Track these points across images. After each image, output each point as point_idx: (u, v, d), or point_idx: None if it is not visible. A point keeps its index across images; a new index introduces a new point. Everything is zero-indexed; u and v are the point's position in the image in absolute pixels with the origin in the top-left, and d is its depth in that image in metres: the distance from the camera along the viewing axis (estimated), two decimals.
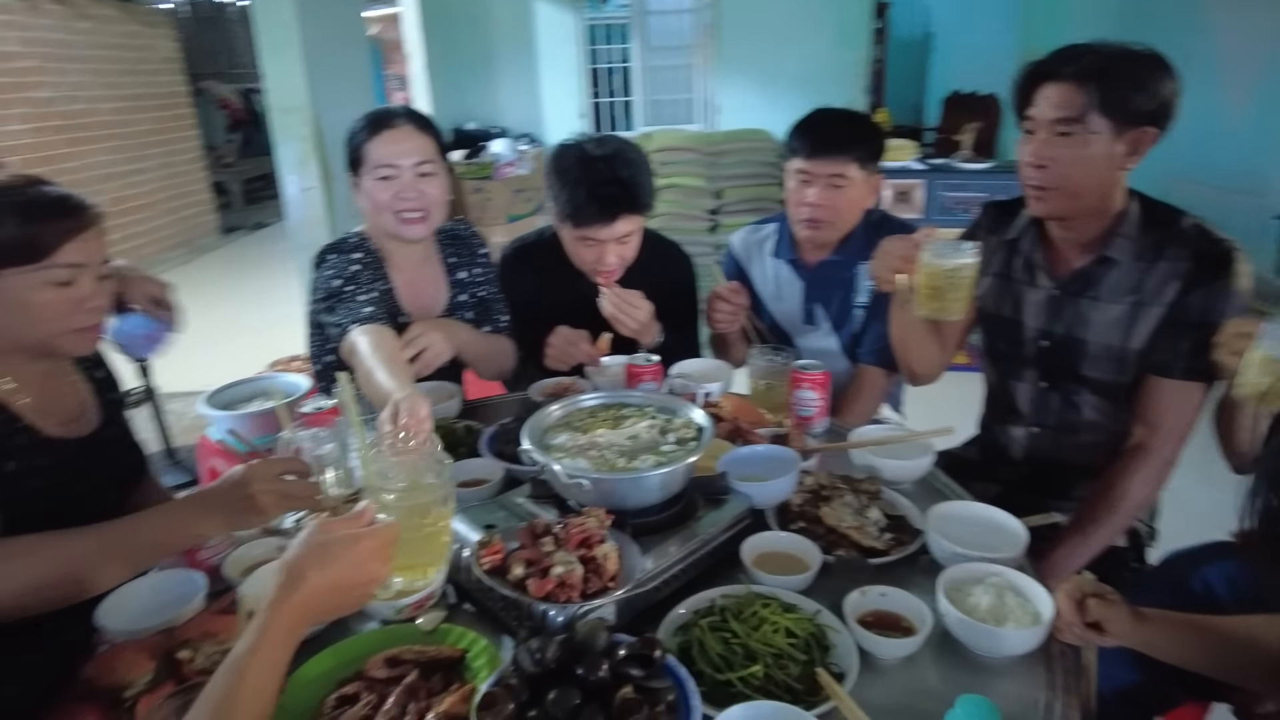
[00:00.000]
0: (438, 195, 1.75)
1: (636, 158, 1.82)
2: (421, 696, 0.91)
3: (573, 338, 1.79)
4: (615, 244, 1.82)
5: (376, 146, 1.70)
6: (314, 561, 0.82)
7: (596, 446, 1.20)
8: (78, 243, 1.20)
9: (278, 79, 4.16)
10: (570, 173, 1.77)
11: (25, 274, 1.17)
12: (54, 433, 1.28)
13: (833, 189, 1.86)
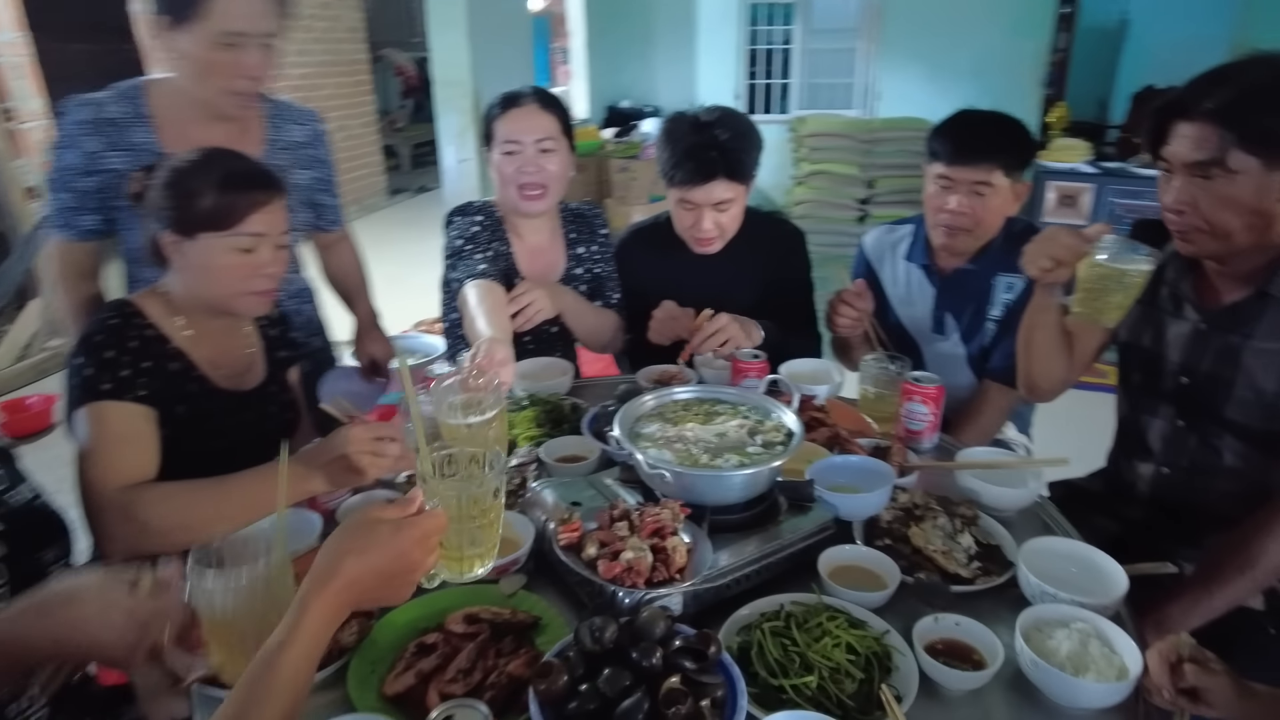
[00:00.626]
0: (557, 171, 1.85)
1: (742, 126, 1.86)
2: (490, 656, 0.98)
3: (675, 312, 1.84)
4: (712, 209, 1.85)
5: (505, 123, 1.82)
6: (353, 548, 0.79)
7: (684, 440, 1.23)
8: (263, 214, 1.34)
9: (443, 53, 4.39)
10: (675, 133, 1.85)
11: (215, 238, 1.32)
12: (223, 384, 1.44)
13: (975, 196, 1.79)
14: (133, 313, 1.36)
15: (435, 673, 0.95)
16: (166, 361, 1.36)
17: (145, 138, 1.64)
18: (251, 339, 1.54)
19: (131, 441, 1.27)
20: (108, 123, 1.61)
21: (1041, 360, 1.62)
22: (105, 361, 1.28)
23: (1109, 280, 1.31)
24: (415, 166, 10.37)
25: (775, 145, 7.10)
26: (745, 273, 1.98)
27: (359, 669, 0.98)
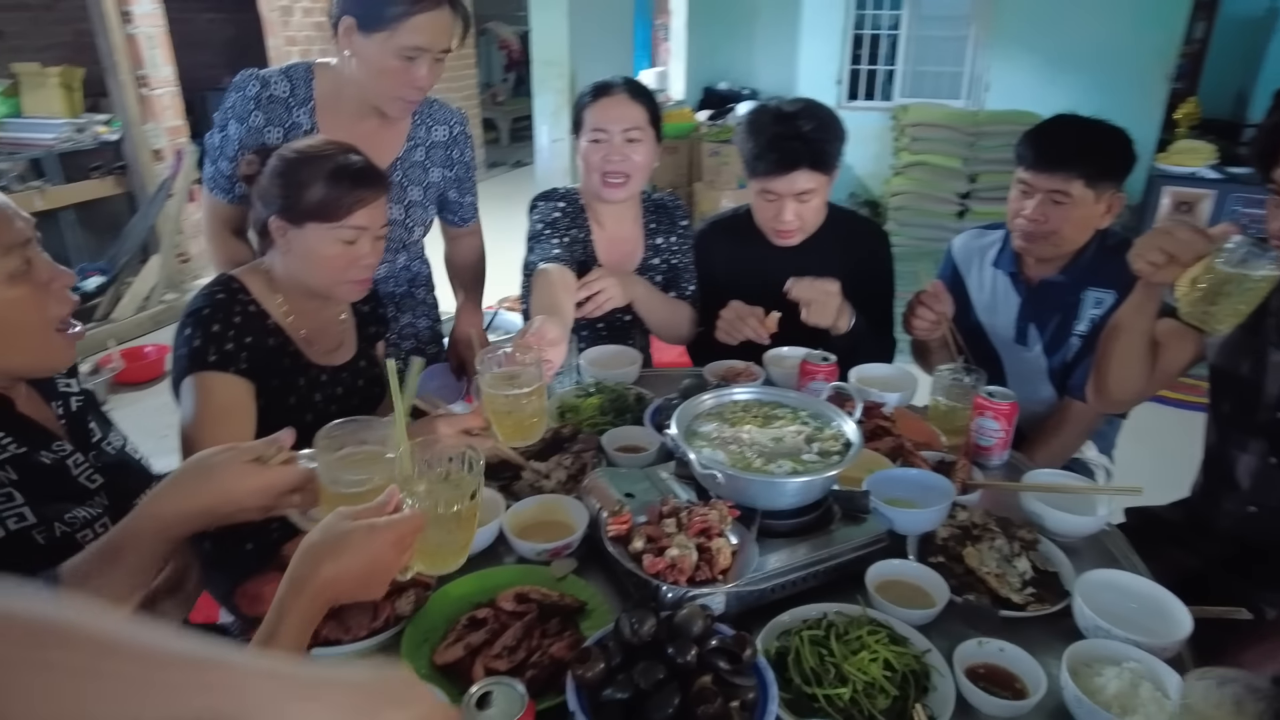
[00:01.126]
0: (641, 161, 1.89)
1: (826, 118, 1.85)
2: (536, 636, 1.03)
3: (743, 311, 1.83)
4: (793, 200, 1.85)
5: (594, 112, 1.86)
6: (328, 551, 0.81)
7: (739, 442, 1.24)
8: (367, 210, 1.42)
9: (543, 32, 4.45)
10: (758, 124, 1.85)
11: (322, 229, 1.40)
12: (316, 359, 1.53)
13: (1052, 204, 1.73)
14: (238, 288, 1.45)
15: (483, 647, 1.01)
16: (266, 337, 1.44)
17: (305, 119, 1.74)
18: (345, 317, 1.63)
19: (232, 412, 1.36)
20: (272, 100, 1.71)
21: (1121, 366, 1.55)
22: (212, 335, 1.37)
23: (1230, 284, 1.25)
24: (513, 141, 10.55)
25: (875, 134, 6.93)
26: (823, 268, 1.96)
27: (413, 636, 1.05)
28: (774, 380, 1.79)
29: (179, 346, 1.40)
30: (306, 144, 1.44)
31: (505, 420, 1.26)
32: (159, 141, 5.19)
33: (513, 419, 1.26)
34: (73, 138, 4.91)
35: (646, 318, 1.99)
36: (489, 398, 1.26)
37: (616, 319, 2.00)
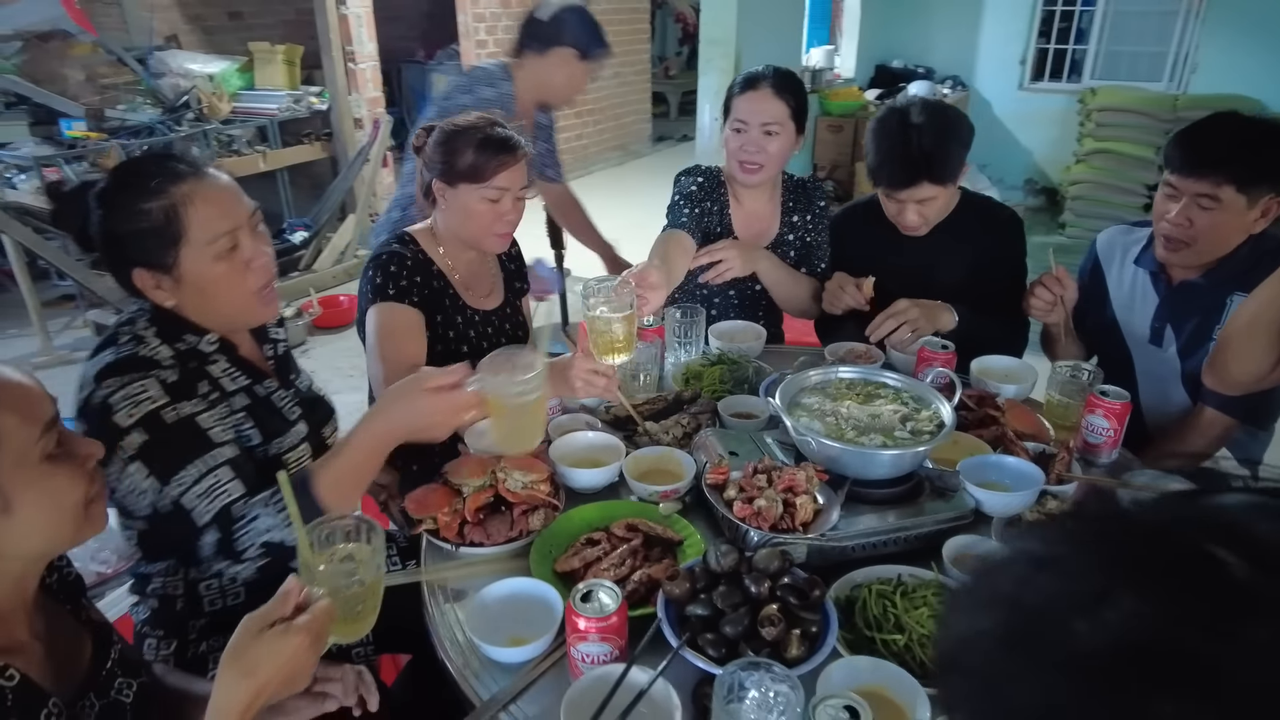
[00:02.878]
0: (776, 151, 2.00)
1: (950, 128, 1.88)
2: (639, 559, 1.22)
3: (842, 280, 1.94)
4: (914, 204, 1.91)
5: (740, 102, 2.00)
6: (246, 671, 0.84)
7: (837, 415, 1.37)
8: (508, 172, 1.67)
9: (711, 10, 4.57)
10: (884, 133, 1.90)
11: (471, 189, 1.66)
12: (472, 303, 1.81)
13: (1198, 209, 1.69)
14: (409, 239, 1.75)
15: (595, 562, 1.21)
16: (431, 279, 1.73)
17: (507, 106, 2.29)
18: (494, 269, 1.91)
19: (408, 332, 1.66)
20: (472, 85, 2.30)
21: (1249, 343, 1.53)
22: (390, 274, 1.67)
23: None
24: (681, 114, 10.70)
25: (1057, 117, 6.56)
26: (953, 255, 2.01)
27: (540, 547, 1.27)
28: (894, 365, 1.87)
29: (363, 285, 1.71)
30: (462, 119, 1.70)
31: (599, 339, 1.52)
32: (360, 111, 5.77)
33: (604, 339, 1.51)
34: (291, 108, 5.58)
35: (771, 290, 2.12)
36: (587, 317, 1.51)
37: (747, 288, 2.14)
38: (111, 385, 1.16)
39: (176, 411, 1.18)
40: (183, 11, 6.62)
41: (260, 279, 1.28)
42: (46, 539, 0.91)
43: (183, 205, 1.19)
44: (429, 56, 7.93)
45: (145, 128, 5.02)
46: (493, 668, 1.09)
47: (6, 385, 0.87)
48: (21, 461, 0.85)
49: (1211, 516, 0.41)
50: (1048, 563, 0.42)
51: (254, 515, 1.17)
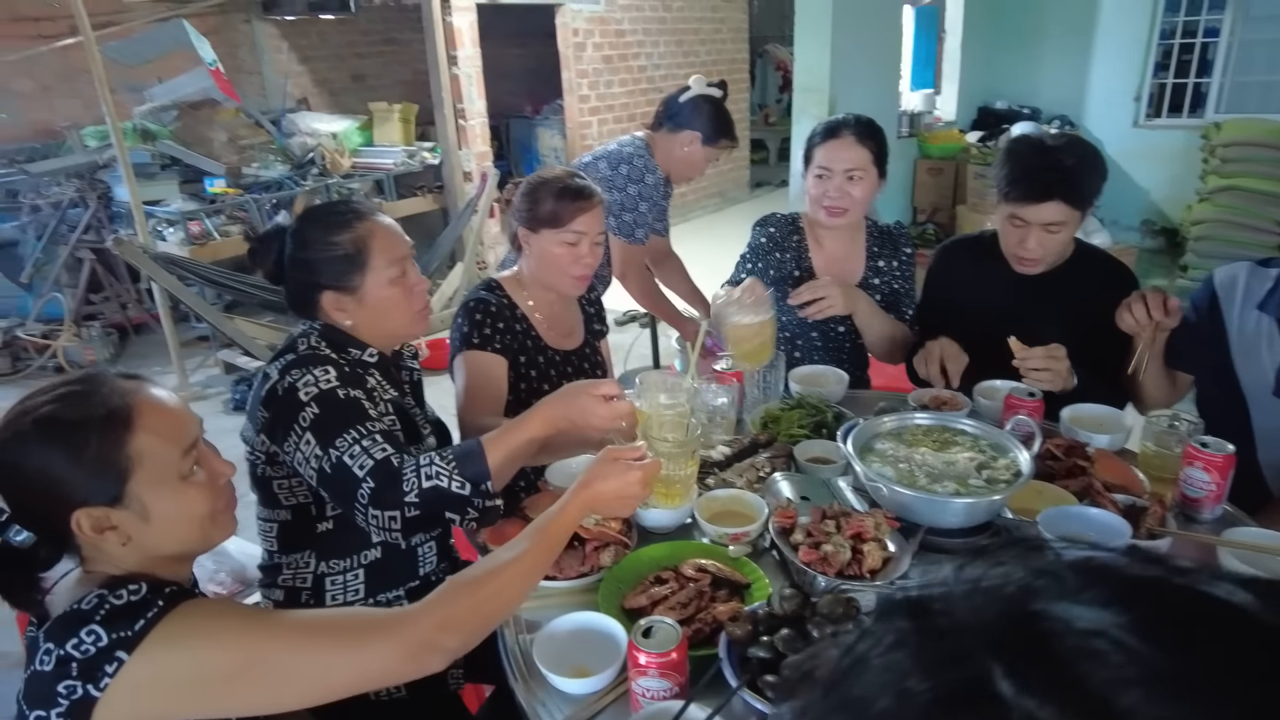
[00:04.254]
0: (860, 196, 2.03)
1: (1088, 154, 1.86)
2: (705, 600, 1.24)
3: (950, 352, 1.88)
4: (1040, 229, 1.85)
5: (822, 151, 2.04)
6: (600, 475, 1.14)
7: (910, 462, 1.36)
8: (585, 218, 1.78)
9: (805, 59, 4.64)
10: (1018, 152, 1.88)
11: (551, 234, 1.77)
12: (553, 344, 1.90)
13: None
14: (496, 286, 1.87)
15: (662, 600, 1.24)
16: (515, 323, 1.84)
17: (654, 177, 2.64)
18: (575, 312, 2.01)
19: (490, 380, 1.76)
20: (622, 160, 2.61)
21: None
22: (475, 322, 1.78)
23: None
24: (780, 160, 10.74)
25: (1177, 154, 6.25)
26: (1061, 304, 1.95)
27: (609, 583, 1.31)
28: (981, 411, 1.84)
29: (453, 334, 1.84)
30: (544, 172, 1.84)
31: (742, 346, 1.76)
32: (469, 165, 6.09)
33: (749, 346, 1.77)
34: (405, 162, 5.96)
35: (865, 331, 2.10)
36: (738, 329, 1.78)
37: (831, 330, 2.14)
38: (295, 374, 1.35)
39: (347, 392, 1.36)
40: (312, 76, 7.21)
41: (419, 301, 1.51)
42: (179, 542, 1.03)
43: (368, 237, 1.43)
44: (535, 112, 8.31)
45: (275, 183, 5.47)
46: (559, 698, 1.13)
47: (156, 411, 0.98)
48: (160, 479, 0.97)
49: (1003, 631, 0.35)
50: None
51: (415, 465, 1.29)
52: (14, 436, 0.93)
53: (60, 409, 0.94)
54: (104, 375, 1.00)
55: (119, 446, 0.94)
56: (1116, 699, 0.30)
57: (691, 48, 8.06)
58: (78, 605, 0.88)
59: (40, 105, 5.81)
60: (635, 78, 7.53)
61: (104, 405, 0.95)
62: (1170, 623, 0.33)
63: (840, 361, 2.16)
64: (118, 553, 0.97)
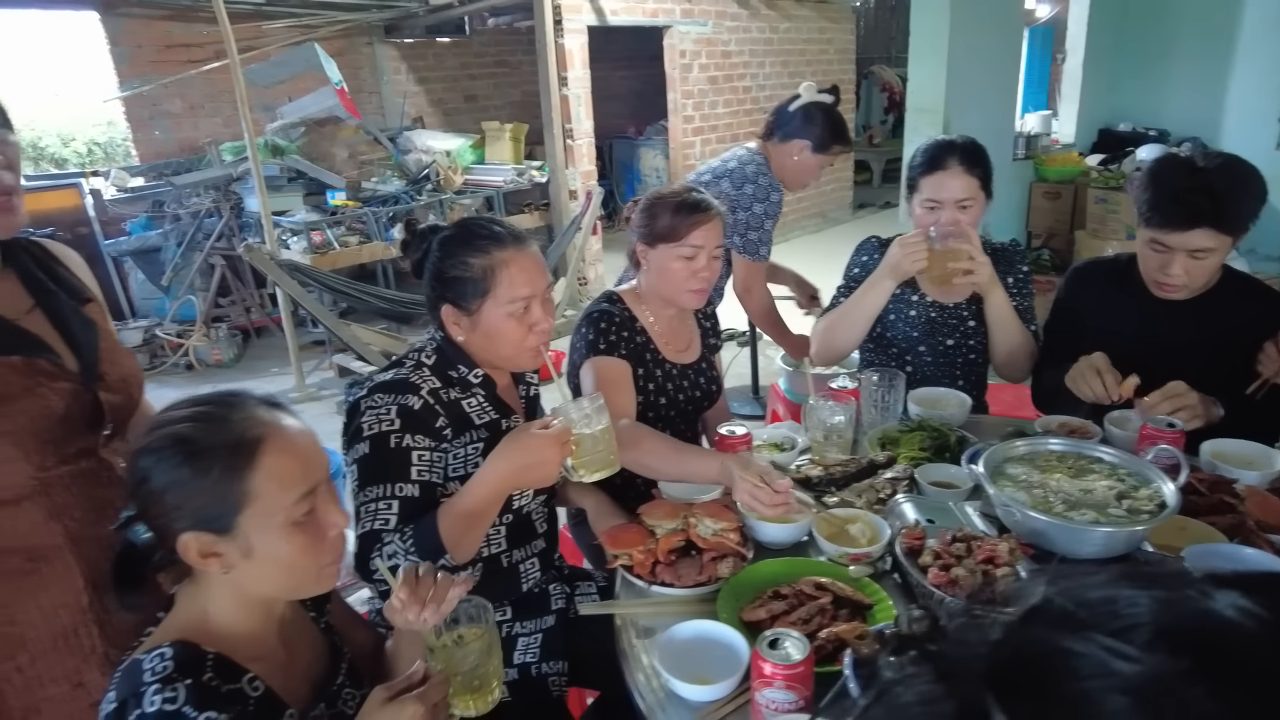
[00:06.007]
0: (970, 219, 1.96)
1: (1244, 177, 1.72)
2: (826, 617, 1.22)
3: (1101, 365, 1.74)
4: (1185, 255, 1.73)
5: (928, 182, 1.96)
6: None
7: (1045, 488, 1.30)
8: (701, 231, 1.78)
9: (919, 81, 4.54)
10: (1164, 174, 1.76)
11: (669, 249, 1.79)
12: (670, 357, 1.91)
13: None
14: (617, 299, 1.90)
15: (782, 615, 1.22)
16: (635, 335, 1.86)
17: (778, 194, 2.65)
18: (692, 326, 2.01)
19: (621, 384, 1.79)
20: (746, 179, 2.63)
21: None
22: (600, 330, 1.81)
23: None
24: (885, 182, 10.57)
25: None
26: (1202, 333, 1.83)
27: (727, 594, 1.30)
28: (1112, 441, 1.74)
29: (577, 342, 1.86)
30: (663, 188, 1.86)
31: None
32: (574, 183, 6.22)
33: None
34: (514, 180, 6.14)
35: (994, 329, 2.00)
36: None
37: (939, 344, 2.07)
38: (375, 400, 1.38)
39: (400, 441, 1.36)
40: (428, 96, 7.53)
41: (537, 339, 1.47)
42: (273, 585, 1.01)
43: (499, 267, 1.42)
44: (638, 132, 8.43)
45: (392, 197, 5.72)
46: (677, 704, 1.13)
47: (282, 450, 0.96)
48: (268, 522, 0.95)
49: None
50: None
51: (382, 546, 1.27)
52: (149, 447, 0.94)
53: (194, 430, 0.94)
54: (245, 400, 0.99)
55: (239, 479, 0.93)
56: None
57: (797, 68, 8.02)
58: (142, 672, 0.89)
59: (187, 123, 6.27)
60: (740, 98, 7.55)
61: (234, 434, 0.94)
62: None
63: (953, 380, 2.09)
64: (217, 580, 0.97)
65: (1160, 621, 0.35)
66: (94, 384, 1.16)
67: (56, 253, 1.26)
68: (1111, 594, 0.37)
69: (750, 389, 4.27)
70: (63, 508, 1.12)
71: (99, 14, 5.76)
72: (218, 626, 0.98)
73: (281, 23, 6.24)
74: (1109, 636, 0.34)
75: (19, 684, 1.11)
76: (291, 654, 1.07)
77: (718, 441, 1.70)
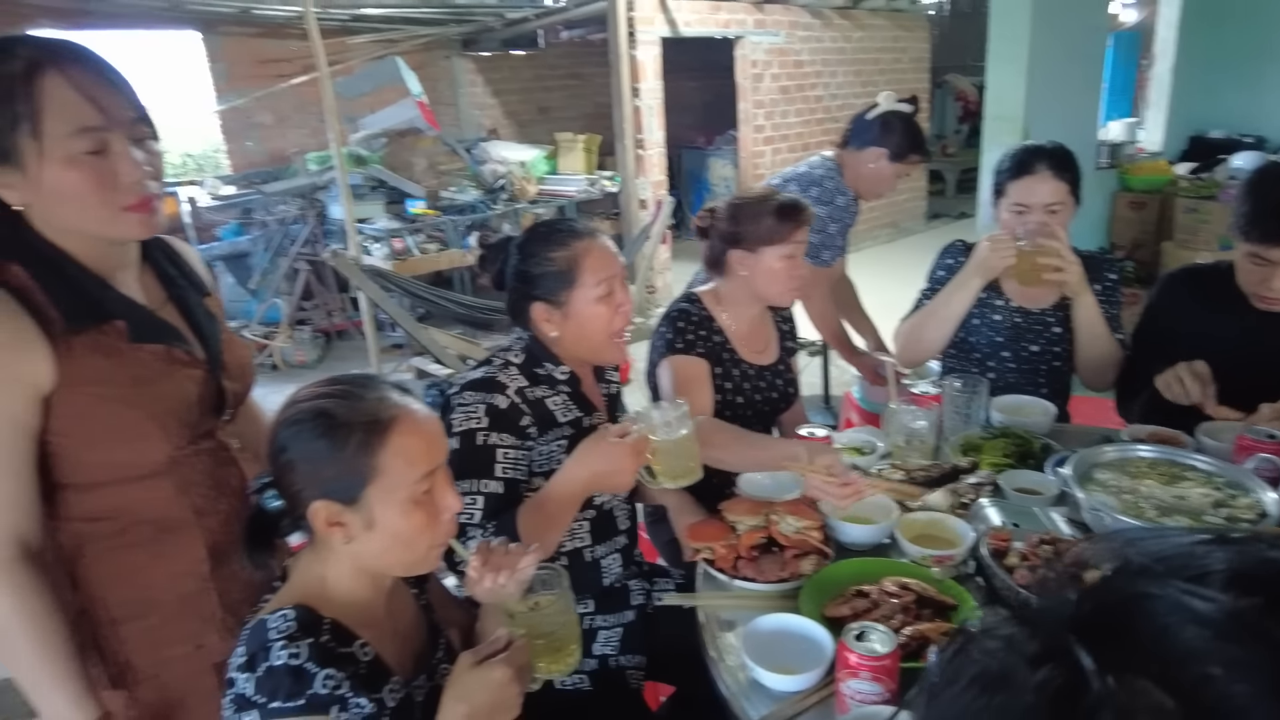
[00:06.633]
0: (1058, 224, 1.93)
1: None
2: (909, 616, 1.22)
3: (1202, 372, 1.69)
4: None
5: (1016, 186, 1.94)
6: (460, 696, 0.99)
7: (1136, 494, 1.28)
8: (802, 230, 1.83)
9: (998, 88, 4.46)
10: (1263, 186, 1.71)
11: (771, 250, 1.82)
12: (748, 358, 1.93)
13: None
14: (696, 299, 1.93)
15: (865, 612, 1.23)
16: (713, 334, 1.90)
17: (845, 199, 2.62)
18: (770, 328, 2.04)
19: (700, 382, 1.82)
20: (813, 182, 2.60)
21: None
22: (678, 329, 1.85)
23: None
24: (959, 192, 10.38)
25: None
26: None
27: (810, 590, 1.32)
28: (1207, 452, 1.69)
29: (656, 341, 1.89)
30: (745, 193, 1.90)
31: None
32: (645, 193, 6.29)
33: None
34: (586, 190, 6.25)
35: (1080, 332, 1.97)
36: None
37: (1023, 349, 2.04)
38: (465, 397, 1.45)
39: (486, 438, 1.43)
40: (503, 108, 7.72)
41: (621, 323, 1.54)
42: (389, 563, 1.07)
43: (580, 256, 1.49)
44: (707, 142, 8.47)
45: (468, 206, 5.88)
46: (760, 693, 1.15)
47: (411, 430, 1.02)
48: (391, 497, 1.00)
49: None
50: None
51: (472, 537, 1.33)
52: (291, 419, 1.02)
53: (335, 405, 1.00)
54: (379, 382, 1.06)
55: (371, 454, 0.99)
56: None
57: (870, 77, 7.95)
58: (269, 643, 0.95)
59: (276, 135, 6.57)
60: (811, 107, 7.52)
61: (370, 411, 1.01)
62: None
63: (1036, 387, 2.05)
64: (335, 551, 1.04)
65: (1233, 567, 0.38)
66: (218, 371, 1.25)
67: (180, 250, 1.36)
68: (1186, 549, 0.40)
69: (822, 399, 4.24)
70: (189, 484, 1.21)
71: (201, 33, 6.10)
72: (333, 594, 1.04)
73: (365, 38, 6.50)
74: (1185, 582, 0.37)
75: (147, 643, 1.19)
76: (396, 626, 1.13)
77: None
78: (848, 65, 7.78)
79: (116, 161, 1.06)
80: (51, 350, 1.06)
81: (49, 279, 1.08)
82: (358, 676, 0.98)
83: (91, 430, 1.12)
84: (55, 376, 1.07)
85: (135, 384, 1.13)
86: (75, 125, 1.02)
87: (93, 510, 1.16)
